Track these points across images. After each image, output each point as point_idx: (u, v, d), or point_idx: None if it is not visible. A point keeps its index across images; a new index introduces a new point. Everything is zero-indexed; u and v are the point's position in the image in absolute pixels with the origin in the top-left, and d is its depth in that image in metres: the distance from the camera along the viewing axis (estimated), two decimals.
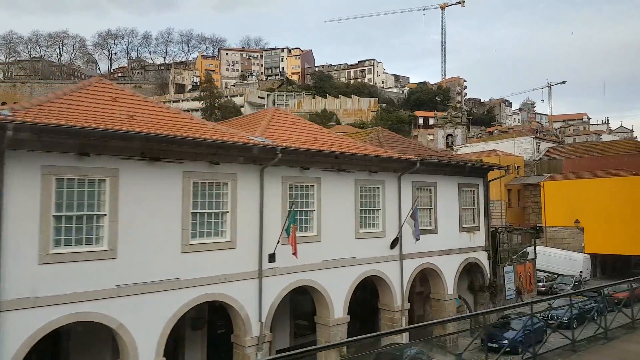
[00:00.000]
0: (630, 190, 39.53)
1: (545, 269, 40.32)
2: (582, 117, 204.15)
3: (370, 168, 17.65)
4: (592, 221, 41.82)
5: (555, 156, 49.42)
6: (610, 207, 40.71)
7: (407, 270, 18.82)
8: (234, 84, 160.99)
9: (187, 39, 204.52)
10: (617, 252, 40.87)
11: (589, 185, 42.41)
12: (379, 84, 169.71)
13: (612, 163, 44.26)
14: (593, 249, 41.97)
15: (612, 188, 40.63)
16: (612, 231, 40.48)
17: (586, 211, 42.19)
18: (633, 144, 45.23)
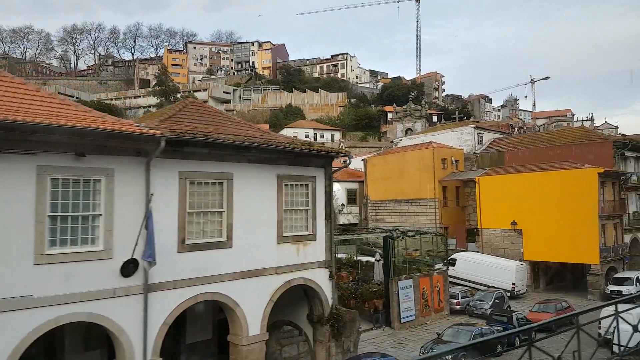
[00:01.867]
0: (574, 185, 33.36)
1: (473, 279, 34.08)
2: (566, 113, 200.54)
3: (76, 149, 11.06)
4: (531, 222, 35.60)
5: (498, 148, 43.24)
6: (551, 206, 34.54)
7: (158, 309, 12.22)
8: (201, 79, 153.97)
9: (156, 34, 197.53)
10: (558, 259, 34.72)
11: (527, 180, 36.20)
12: (352, 79, 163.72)
13: (559, 154, 38.20)
14: (533, 256, 35.78)
15: (553, 183, 34.46)
16: (554, 234, 34.30)
17: (525, 211, 35.97)
18: (583, 132, 39.20)
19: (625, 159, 37.05)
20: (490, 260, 33.81)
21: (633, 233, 37.14)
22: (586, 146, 37.31)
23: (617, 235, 35.24)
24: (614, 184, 35.13)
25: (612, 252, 32.99)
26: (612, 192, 35.05)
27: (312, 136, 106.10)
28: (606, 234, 33.53)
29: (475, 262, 34.27)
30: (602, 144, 36.43)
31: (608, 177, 34.08)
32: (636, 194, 38.14)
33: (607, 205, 33.56)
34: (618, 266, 34.63)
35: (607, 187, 33.99)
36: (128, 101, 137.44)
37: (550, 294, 35.00)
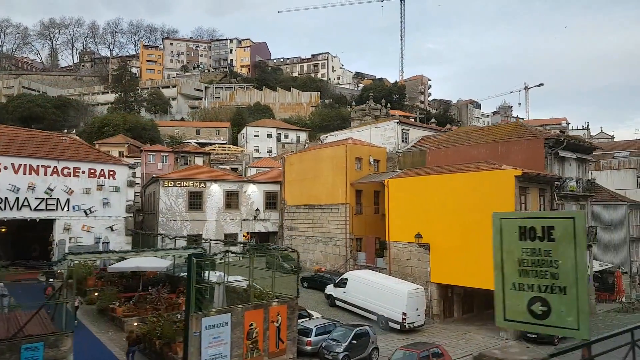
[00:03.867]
0: (488, 191, 26.83)
1: (364, 305, 27.49)
2: (561, 121, 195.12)
3: None
4: (440, 236, 29.07)
5: (422, 146, 36.73)
6: (462, 216, 28.03)
7: None
8: (175, 75, 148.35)
9: (136, 30, 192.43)
10: (469, 283, 28.08)
11: (436, 183, 29.71)
12: (334, 79, 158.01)
13: (484, 153, 31.74)
14: (441, 277, 29.20)
15: (464, 188, 27.95)
16: (465, 251, 27.75)
17: (434, 221, 29.47)
18: (515, 128, 32.70)
19: (563, 161, 30.51)
20: (381, 282, 27.20)
21: None
22: (515, 144, 30.78)
23: None
24: (543, 191, 28.59)
25: None
26: (541, 201, 28.52)
27: (276, 136, 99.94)
28: None
29: (365, 283, 27.69)
30: (533, 142, 29.90)
31: (534, 182, 27.54)
32: (578, 203, 31.57)
33: None
34: None
35: (532, 194, 27.44)
36: (92, 97, 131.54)
37: (462, 326, 28.42)
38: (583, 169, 32.46)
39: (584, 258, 4.69)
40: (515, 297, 5.12)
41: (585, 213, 31.40)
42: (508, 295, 5.21)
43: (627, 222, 36.68)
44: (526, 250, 5.20)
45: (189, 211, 41.47)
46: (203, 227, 42.29)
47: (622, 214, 36.92)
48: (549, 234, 4.99)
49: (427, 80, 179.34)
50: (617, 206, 37.21)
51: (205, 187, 42.29)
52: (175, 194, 40.91)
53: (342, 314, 28.37)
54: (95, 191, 31.17)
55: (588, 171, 32.99)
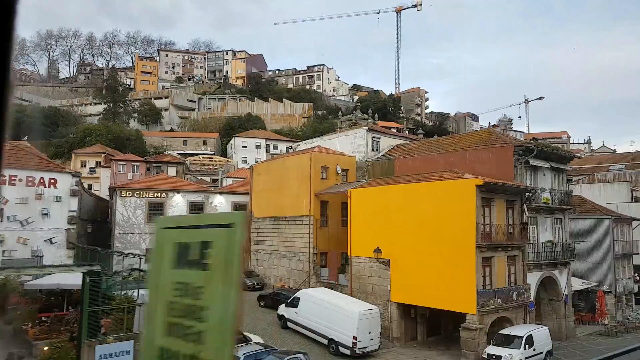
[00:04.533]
0: (450, 202, 24.56)
1: (315, 328, 25.02)
2: (562, 135, 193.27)
3: None
4: (401, 250, 26.73)
5: (392, 155, 34.50)
6: (423, 229, 25.75)
7: None
8: (170, 87, 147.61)
9: (134, 42, 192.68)
10: (431, 303, 25.63)
11: (398, 194, 27.49)
12: (329, 91, 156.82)
13: (452, 162, 29.50)
14: (402, 296, 26.78)
15: (426, 199, 25.69)
16: (426, 268, 25.41)
17: (395, 234, 27.18)
18: (486, 135, 30.44)
19: (536, 171, 28.19)
20: (332, 302, 24.75)
21: (545, 270, 28.07)
22: (483, 152, 28.53)
23: (516, 272, 26.24)
24: (512, 202, 26.26)
25: (500, 298, 23.91)
26: (509, 214, 26.17)
27: (264, 146, 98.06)
28: (494, 271, 24.55)
29: (316, 303, 25.26)
30: (501, 150, 27.65)
31: (500, 193, 25.22)
32: (553, 217, 29.17)
33: (497, 230, 24.65)
34: (516, 317, 25.52)
35: (497, 206, 25.10)
36: (84, 108, 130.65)
37: (423, 351, 25.92)
38: (560, 180, 30.11)
39: (232, 303, 2.33)
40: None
41: None
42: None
43: (611, 237, 34.22)
44: (178, 288, 2.75)
45: (148, 223, 39.23)
46: None
47: (606, 228, 34.47)
48: (203, 256, 2.56)
49: (424, 93, 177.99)
50: (601, 220, 34.77)
51: (166, 197, 40.13)
52: (134, 204, 38.76)
53: (293, 338, 25.90)
54: (33, 201, 29.07)
55: (565, 182, 30.66)
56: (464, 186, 24.10)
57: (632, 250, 38.19)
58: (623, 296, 35.88)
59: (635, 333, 31.32)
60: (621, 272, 35.83)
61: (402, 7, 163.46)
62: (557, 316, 29.19)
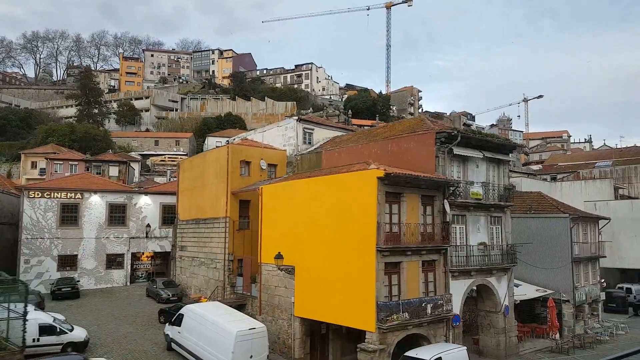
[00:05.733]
0: (352, 198, 20.66)
1: (195, 350, 21.10)
2: (562, 134, 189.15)
3: None
4: (305, 256, 22.83)
5: (323, 148, 30.58)
6: (326, 230, 21.86)
7: None
8: (154, 87, 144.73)
9: (121, 42, 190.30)
10: (330, 318, 21.66)
11: (301, 190, 23.63)
12: (318, 90, 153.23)
13: (375, 153, 25.53)
14: (304, 310, 22.81)
15: (330, 194, 21.79)
16: (328, 277, 21.52)
17: (300, 237, 23.31)
18: (415, 122, 26.40)
19: (466, 162, 24.15)
20: (210, 319, 20.84)
21: (476, 277, 23.96)
22: (406, 141, 24.53)
23: (435, 280, 22.21)
24: (431, 198, 22.26)
25: (408, 311, 19.83)
26: (426, 211, 22.18)
27: None
28: (403, 279, 20.55)
29: (198, 321, 21.38)
30: (423, 137, 23.63)
31: (412, 187, 21.23)
32: (489, 215, 25.03)
33: (408, 231, 20.65)
34: (436, 333, 21.48)
35: (409, 202, 21.11)
36: (65, 110, 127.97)
37: None
38: (499, 173, 26.04)
39: None
40: None
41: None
42: None
43: (569, 238, 30.05)
44: None
45: (60, 227, 35.55)
46: (79, 246, 36.31)
47: (563, 228, 30.31)
48: None
49: (418, 92, 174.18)
50: (558, 220, 30.60)
51: (82, 198, 36.42)
52: (44, 206, 35.07)
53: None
54: None
55: (507, 175, 26.56)
56: (364, 179, 20.16)
57: (597, 252, 33.94)
58: (585, 305, 31.65)
59: (591, 349, 27.14)
60: (582, 278, 31.61)
61: (392, 2, 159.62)
62: (495, 330, 25.10)
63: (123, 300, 33.24)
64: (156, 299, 32.48)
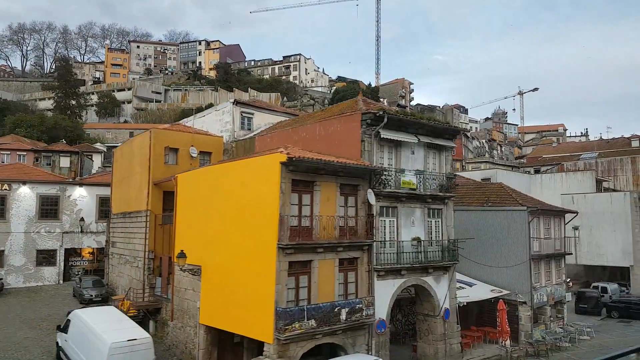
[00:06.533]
0: (255, 187, 17.91)
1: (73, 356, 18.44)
2: (558, 128, 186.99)
3: None
4: (213, 254, 20.11)
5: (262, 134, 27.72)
6: (230, 225, 19.13)
7: None
8: (138, 78, 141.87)
9: (109, 34, 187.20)
10: (231, 327, 18.94)
11: (212, 179, 20.93)
12: (307, 81, 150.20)
13: (304, 138, 22.72)
14: (209, 317, 20.08)
15: (236, 183, 19.05)
16: (231, 279, 18.81)
17: (208, 233, 20.58)
18: (350, 104, 23.60)
19: (399, 147, 21.32)
20: (90, 327, 18.12)
21: (408, 277, 21.18)
22: (333, 124, 21.73)
23: (357, 280, 19.46)
24: (353, 188, 19.48)
25: (315, 318, 17.07)
26: (348, 202, 19.41)
27: None
28: (314, 280, 17.81)
29: (80, 328, 18.69)
30: (349, 120, 20.83)
31: (329, 175, 18.43)
32: (426, 207, 22.19)
33: (322, 225, 17.88)
34: (355, 342, 18.78)
35: (325, 191, 18.33)
36: (45, 102, 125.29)
37: None
38: (440, 161, 23.21)
39: None
40: None
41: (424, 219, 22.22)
42: None
43: (526, 234, 27.28)
44: None
45: None
46: (6, 241, 33.58)
47: (520, 222, 27.54)
48: None
49: (409, 84, 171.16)
50: (515, 213, 27.82)
51: (10, 189, 33.67)
52: None
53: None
54: None
55: (450, 163, 23.71)
56: (266, 165, 17.39)
57: (563, 249, 31.14)
58: (547, 307, 28.89)
59: (545, 358, 24.42)
60: (543, 277, 28.83)
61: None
62: (433, 337, 22.37)
63: (46, 300, 30.59)
64: (79, 300, 29.83)
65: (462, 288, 27.14)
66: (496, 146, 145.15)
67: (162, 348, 23.16)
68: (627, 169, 65.36)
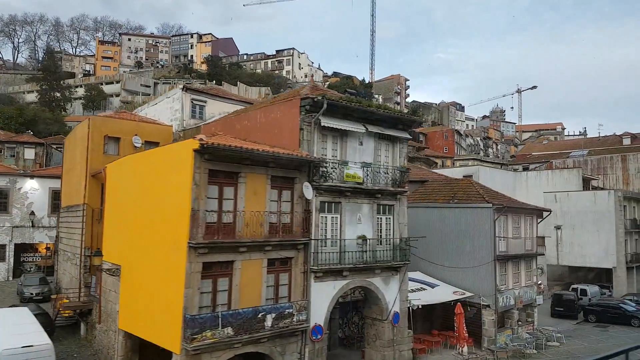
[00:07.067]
0: (169, 178, 16.10)
1: None
2: (556, 127, 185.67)
3: None
4: (131, 253, 18.29)
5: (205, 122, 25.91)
6: (144, 221, 17.31)
7: None
8: (129, 71, 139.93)
9: (101, 26, 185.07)
10: (142, 333, 17.16)
11: (132, 168, 19.12)
12: (301, 77, 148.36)
13: (246, 126, 20.91)
14: (128, 321, 18.29)
15: (150, 174, 17.23)
16: (143, 279, 17.01)
17: (127, 229, 18.75)
18: (296, 91, 21.75)
19: (345, 137, 19.48)
20: None
21: (351, 278, 19.37)
22: (272, 110, 19.93)
23: (291, 282, 17.67)
24: (288, 181, 17.66)
25: (232, 325, 15.28)
26: (283, 197, 17.61)
27: None
28: (235, 283, 16.01)
29: None
30: (288, 106, 19.02)
31: (258, 166, 16.60)
32: (375, 203, 20.38)
33: (245, 221, 16.07)
34: (285, 350, 17.02)
35: (252, 185, 16.50)
36: (32, 95, 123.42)
37: None
38: (394, 153, 21.37)
39: None
40: None
41: None
42: None
43: (491, 233, 25.48)
44: None
45: None
46: None
47: (485, 220, 25.73)
48: None
49: (405, 81, 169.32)
50: (480, 210, 26.00)
51: None
52: None
53: None
54: None
55: (404, 156, 21.86)
56: (179, 153, 15.56)
57: (534, 249, 29.32)
58: (514, 311, 27.11)
59: None
60: (511, 278, 27.03)
61: None
62: (380, 342, 20.58)
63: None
64: (19, 298, 28.10)
65: (423, 289, 25.42)
66: (492, 144, 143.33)
67: (90, 352, 21.45)
68: (617, 167, 63.49)
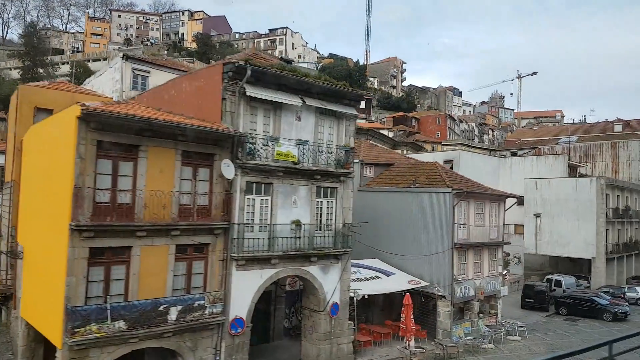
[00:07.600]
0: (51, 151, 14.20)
1: None
2: (556, 114, 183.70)
3: None
4: (33, 235, 16.50)
5: None
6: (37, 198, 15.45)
7: None
8: (118, 49, 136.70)
9: (91, 2, 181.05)
10: (34, 323, 15.45)
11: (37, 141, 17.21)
12: (295, 57, 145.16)
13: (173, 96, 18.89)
14: (30, 310, 16.56)
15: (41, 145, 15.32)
16: (35, 263, 15.20)
17: (31, 208, 16.90)
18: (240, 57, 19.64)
19: (279, 110, 17.47)
20: None
21: (282, 266, 17.60)
22: (196, 77, 17.99)
23: (207, 271, 15.89)
24: (208, 157, 15.75)
25: (125, 318, 13.56)
26: (200, 176, 15.72)
27: None
28: (134, 271, 14.22)
29: None
30: (210, 73, 17.05)
31: (164, 138, 14.69)
32: (315, 185, 18.49)
33: (149, 202, 14.22)
34: (198, 345, 15.32)
35: (155, 161, 14.60)
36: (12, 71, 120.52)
37: None
38: (338, 131, 19.40)
39: None
40: None
41: None
42: None
43: (450, 219, 23.65)
44: None
45: None
46: None
47: (445, 206, 23.89)
48: None
49: (402, 64, 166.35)
50: (439, 195, 24.12)
51: None
52: None
53: None
54: None
55: (351, 135, 19.92)
56: (61, 122, 13.60)
57: (500, 238, 27.52)
58: (474, 302, 25.44)
59: None
60: (471, 268, 25.29)
61: None
62: (317, 335, 18.91)
63: None
64: None
65: (378, 278, 23.78)
66: (488, 130, 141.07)
67: (6, 340, 19.80)
68: (606, 155, 61.47)
